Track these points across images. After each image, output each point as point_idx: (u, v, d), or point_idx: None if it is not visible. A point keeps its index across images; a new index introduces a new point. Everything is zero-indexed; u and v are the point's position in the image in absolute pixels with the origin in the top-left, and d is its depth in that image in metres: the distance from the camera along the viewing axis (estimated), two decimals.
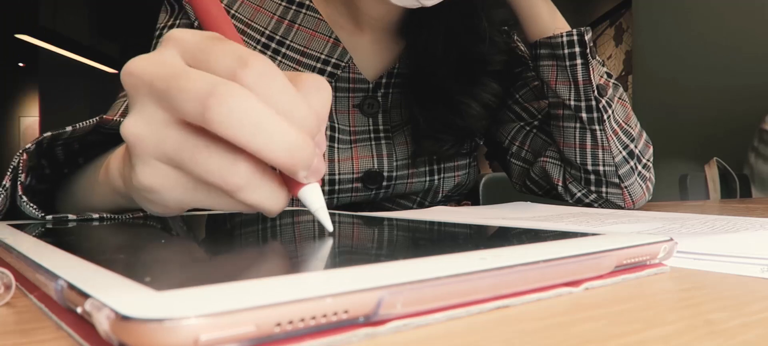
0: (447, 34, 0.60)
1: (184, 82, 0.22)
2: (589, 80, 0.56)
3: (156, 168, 0.24)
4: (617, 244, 0.21)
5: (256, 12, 0.59)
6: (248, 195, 0.24)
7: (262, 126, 0.22)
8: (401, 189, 0.63)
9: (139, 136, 0.24)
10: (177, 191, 0.25)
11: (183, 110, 0.22)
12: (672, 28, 2.50)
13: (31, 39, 4.67)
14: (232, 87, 0.22)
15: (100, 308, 0.13)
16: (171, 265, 0.20)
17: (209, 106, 0.21)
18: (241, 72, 0.22)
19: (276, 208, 0.25)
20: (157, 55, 0.24)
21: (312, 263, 0.20)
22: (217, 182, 0.23)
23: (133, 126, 0.24)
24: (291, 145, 0.22)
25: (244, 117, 0.21)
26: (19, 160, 0.35)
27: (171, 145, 0.23)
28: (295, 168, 0.23)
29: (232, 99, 0.21)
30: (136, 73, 0.24)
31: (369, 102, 0.61)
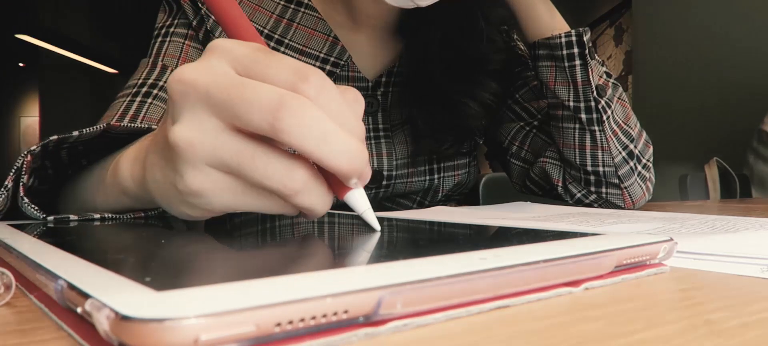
0: (444, 34, 0.60)
1: (250, 93, 0.23)
2: (588, 81, 0.56)
3: (207, 173, 0.25)
4: (617, 244, 0.21)
5: (254, 11, 0.59)
6: (303, 199, 0.25)
7: (327, 137, 0.23)
8: (401, 188, 0.63)
9: (192, 142, 0.24)
10: (226, 195, 0.26)
11: (248, 120, 0.23)
12: (672, 28, 2.50)
13: (31, 39, 4.67)
14: (301, 100, 0.23)
15: (100, 308, 0.13)
16: (171, 265, 0.20)
17: (280, 117, 0.23)
18: (302, 85, 0.24)
19: (323, 210, 0.26)
20: (209, 65, 0.25)
21: (312, 263, 0.20)
22: (276, 186, 0.24)
23: (186, 131, 0.25)
24: (351, 154, 0.24)
25: (313, 128, 0.23)
26: (23, 162, 0.35)
27: (228, 151, 0.24)
28: (352, 174, 0.25)
29: (301, 111, 0.23)
30: (188, 81, 0.25)
31: (368, 101, 0.61)
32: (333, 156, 0.24)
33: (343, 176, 0.25)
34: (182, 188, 0.26)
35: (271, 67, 0.24)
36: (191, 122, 0.25)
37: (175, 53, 0.58)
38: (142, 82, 0.56)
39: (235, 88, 0.24)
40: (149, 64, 0.58)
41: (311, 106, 0.23)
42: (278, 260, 0.21)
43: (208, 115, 0.24)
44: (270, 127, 0.23)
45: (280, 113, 0.23)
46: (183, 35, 0.59)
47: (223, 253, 0.24)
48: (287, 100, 0.23)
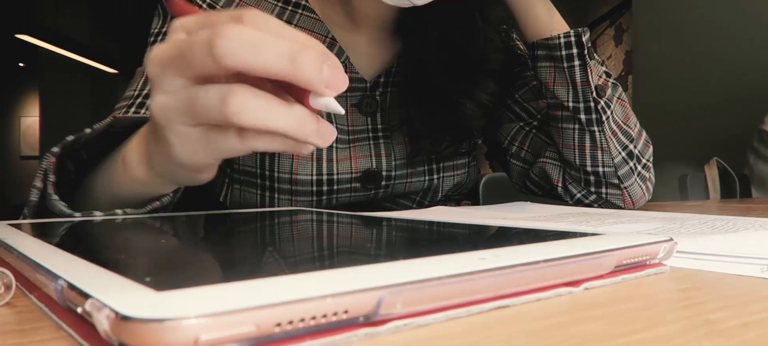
0: (442, 34, 0.60)
1: (191, 40, 0.25)
2: (587, 82, 0.56)
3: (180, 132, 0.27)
4: (617, 244, 0.21)
5: None
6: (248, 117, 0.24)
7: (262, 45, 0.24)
8: (400, 189, 0.63)
9: (164, 107, 0.27)
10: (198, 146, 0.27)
11: (195, 63, 0.25)
12: (672, 28, 2.50)
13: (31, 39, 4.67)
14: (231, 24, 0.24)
15: (100, 308, 0.13)
16: (171, 265, 0.20)
17: (214, 45, 0.23)
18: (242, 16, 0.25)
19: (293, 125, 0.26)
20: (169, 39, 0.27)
21: (312, 263, 0.20)
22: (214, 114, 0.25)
23: (158, 101, 0.27)
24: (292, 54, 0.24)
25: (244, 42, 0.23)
26: (48, 163, 0.38)
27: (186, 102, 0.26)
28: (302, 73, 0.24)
29: (232, 30, 0.23)
30: (155, 56, 0.27)
31: (367, 101, 0.61)
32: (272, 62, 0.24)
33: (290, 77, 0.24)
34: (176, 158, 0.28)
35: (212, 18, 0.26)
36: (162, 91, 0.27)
37: None
38: (138, 93, 0.57)
39: (183, 43, 0.26)
40: (144, 74, 0.58)
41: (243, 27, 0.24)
42: (278, 260, 0.21)
43: (173, 78, 0.26)
44: (210, 58, 0.24)
45: (214, 41, 0.23)
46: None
47: (223, 253, 0.24)
48: (219, 28, 0.24)
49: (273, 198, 0.59)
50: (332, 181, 0.59)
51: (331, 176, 0.59)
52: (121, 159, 0.36)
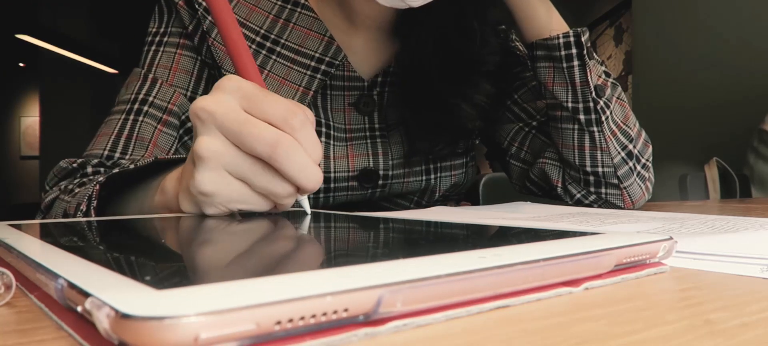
0: (437, 35, 0.60)
1: (256, 130, 0.33)
2: (586, 82, 0.56)
3: (223, 176, 0.34)
4: (617, 243, 0.21)
5: (251, 11, 0.59)
6: (285, 201, 0.36)
7: (304, 169, 0.34)
8: (397, 188, 0.63)
9: (218, 152, 0.33)
10: (233, 195, 0.35)
11: (254, 149, 0.33)
12: (672, 28, 2.50)
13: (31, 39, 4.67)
14: (290, 140, 0.33)
15: (101, 306, 0.13)
16: (171, 264, 0.20)
17: (276, 152, 0.33)
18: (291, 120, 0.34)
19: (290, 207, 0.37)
20: (222, 99, 0.34)
21: (312, 262, 0.20)
22: (274, 193, 0.35)
23: (211, 144, 0.33)
24: (316, 180, 0.35)
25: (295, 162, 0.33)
26: (93, 190, 0.44)
27: (244, 163, 0.34)
28: (312, 191, 0.36)
29: (291, 149, 0.33)
30: (208, 110, 0.34)
31: (365, 100, 0.61)
32: (306, 182, 0.34)
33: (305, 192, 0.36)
34: (199, 187, 0.34)
35: (269, 106, 0.34)
36: (216, 139, 0.33)
37: (167, 64, 0.58)
38: (134, 97, 0.58)
39: (243, 123, 0.33)
40: (141, 76, 0.59)
41: (295, 144, 0.33)
42: (278, 259, 0.21)
43: (223, 137, 0.34)
44: (268, 157, 0.33)
45: (277, 149, 0.33)
46: (175, 44, 0.59)
47: (222, 252, 0.24)
48: (281, 139, 0.33)
49: None
50: (329, 179, 0.59)
51: (328, 173, 0.59)
52: (161, 187, 0.42)
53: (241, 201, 0.35)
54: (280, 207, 0.37)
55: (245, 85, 0.35)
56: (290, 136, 0.33)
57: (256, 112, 0.34)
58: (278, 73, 0.57)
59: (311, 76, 0.58)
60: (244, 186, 0.35)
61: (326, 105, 0.60)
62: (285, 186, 0.35)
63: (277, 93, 0.57)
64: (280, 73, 0.57)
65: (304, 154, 0.34)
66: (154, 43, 0.60)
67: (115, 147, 0.55)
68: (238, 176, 0.34)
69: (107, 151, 0.55)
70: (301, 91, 0.57)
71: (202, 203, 0.35)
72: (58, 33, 4.81)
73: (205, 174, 0.34)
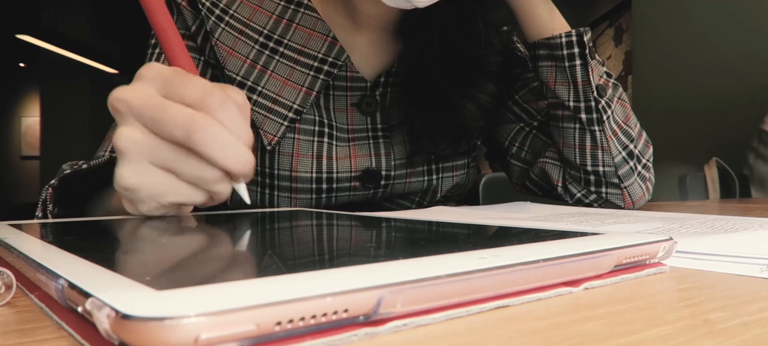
0: (442, 35, 0.60)
1: (170, 113, 0.31)
2: (588, 81, 0.56)
3: (146, 169, 0.32)
4: (617, 243, 0.21)
5: (255, 12, 0.59)
6: (216, 188, 0.33)
7: (227, 148, 0.31)
8: (399, 189, 0.63)
9: (136, 142, 0.31)
10: (160, 188, 0.32)
11: (170, 133, 0.31)
12: (672, 28, 2.49)
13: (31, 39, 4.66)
14: (207, 119, 0.31)
15: (101, 307, 0.13)
16: (171, 264, 0.20)
17: (193, 131, 0.30)
18: (207, 100, 0.31)
19: (227, 195, 0.35)
20: (139, 87, 0.32)
21: (312, 263, 0.20)
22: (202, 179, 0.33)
23: (128, 134, 0.31)
24: (245, 161, 0.32)
25: (215, 141, 0.31)
26: (46, 194, 0.42)
27: (166, 153, 0.32)
28: (245, 176, 0.33)
29: (208, 128, 0.31)
30: (124, 99, 0.32)
31: (367, 101, 0.61)
32: (232, 163, 0.32)
33: (236, 175, 0.33)
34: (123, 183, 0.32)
35: (186, 88, 0.32)
36: (134, 128, 0.32)
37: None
38: None
39: (157, 108, 0.31)
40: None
41: (213, 123, 0.31)
42: (278, 260, 0.21)
43: (141, 126, 0.32)
44: (185, 139, 0.31)
45: (192, 127, 0.30)
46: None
47: (223, 252, 0.24)
48: (197, 119, 0.31)
49: (273, 196, 0.59)
50: (332, 179, 0.59)
51: (330, 173, 0.59)
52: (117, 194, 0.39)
53: (170, 193, 0.33)
54: (215, 197, 0.34)
55: (165, 71, 0.33)
56: (207, 116, 0.31)
57: (174, 96, 0.32)
58: (281, 74, 0.57)
59: (314, 76, 0.58)
60: (170, 176, 0.32)
61: (329, 105, 0.60)
62: (211, 171, 0.32)
63: (280, 93, 0.57)
64: (283, 74, 0.57)
65: (225, 133, 0.31)
66: (158, 46, 0.60)
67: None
68: (162, 166, 0.32)
69: (108, 153, 0.55)
70: (304, 91, 0.57)
71: (130, 199, 0.33)
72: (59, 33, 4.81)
73: (127, 167, 0.32)
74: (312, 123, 0.58)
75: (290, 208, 0.56)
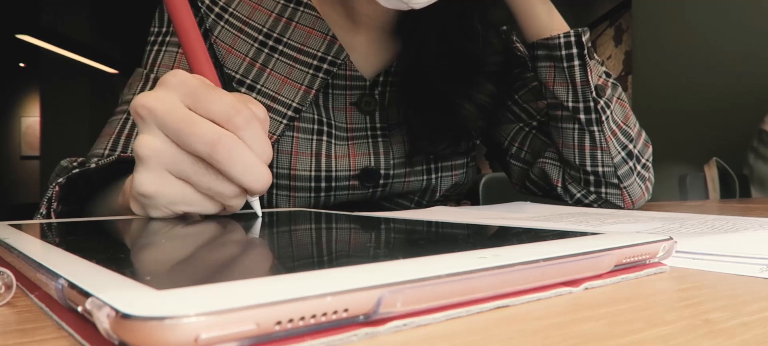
0: (440, 35, 0.60)
1: (196, 128, 0.31)
2: (587, 81, 0.56)
3: (164, 177, 0.32)
4: (616, 243, 0.21)
5: (254, 10, 0.59)
6: (232, 202, 0.34)
7: (249, 168, 0.32)
8: (398, 188, 0.63)
9: (157, 151, 0.32)
10: (176, 197, 0.33)
11: (194, 148, 0.31)
12: (672, 28, 2.50)
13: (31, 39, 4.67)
14: (232, 138, 0.31)
15: (101, 306, 0.13)
16: (171, 264, 0.20)
17: (217, 151, 0.31)
18: (235, 119, 0.32)
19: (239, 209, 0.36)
20: (164, 95, 0.32)
21: (312, 262, 0.20)
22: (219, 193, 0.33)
23: (151, 142, 0.32)
24: (264, 180, 0.33)
25: (239, 162, 0.32)
26: (52, 192, 0.43)
27: (186, 163, 0.32)
28: (260, 193, 0.34)
29: (233, 148, 0.31)
30: (149, 107, 0.32)
31: (366, 100, 0.61)
32: (251, 183, 0.33)
33: (252, 193, 0.34)
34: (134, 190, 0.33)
35: (212, 103, 0.32)
36: (155, 137, 0.32)
37: (169, 63, 0.58)
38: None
39: (183, 121, 0.31)
40: (143, 77, 0.59)
41: (238, 143, 0.32)
42: (278, 259, 0.21)
43: (163, 135, 0.32)
44: (208, 157, 0.31)
45: (217, 148, 0.31)
46: (177, 43, 0.59)
47: (223, 252, 0.24)
48: (222, 138, 0.31)
49: (271, 194, 0.59)
50: (331, 177, 0.59)
51: (329, 172, 0.59)
52: (123, 192, 0.40)
53: (185, 202, 0.33)
54: (228, 209, 0.35)
55: (190, 80, 0.33)
56: (233, 135, 0.32)
57: (200, 109, 0.32)
58: (280, 72, 0.57)
59: (313, 75, 0.58)
60: (187, 186, 0.33)
61: (328, 104, 0.60)
62: (230, 187, 0.33)
63: (279, 91, 0.57)
64: (283, 72, 0.57)
65: (248, 154, 0.32)
66: (157, 43, 0.60)
67: (115, 146, 0.55)
68: (181, 176, 0.33)
69: (108, 150, 0.55)
70: (303, 90, 0.57)
71: (144, 204, 0.34)
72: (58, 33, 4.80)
73: (145, 175, 0.32)
74: (311, 122, 0.58)
75: (290, 208, 0.56)
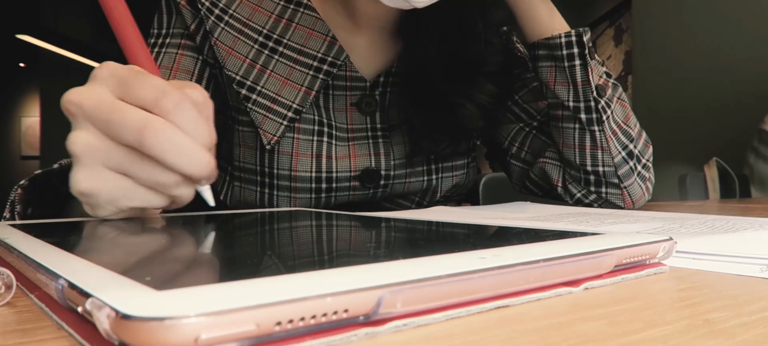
0: (441, 35, 0.60)
1: (121, 115, 0.30)
2: (587, 81, 0.56)
3: (101, 173, 0.31)
4: (617, 243, 0.21)
5: (254, 11, 0.59)
6: (177, 192, 0.32)
7: (183, 152, 0.30)
8: (399, 189, 0.63)
9: (89, 146, 0.30)
10: (116, 192, 0.32)
11: (122, 137, 0.30)
12: (672, 28, 2.49)
13: (31, 39, 4.67)
14: (160, 121, 0.30)
15: (101, 307, 0.13)
16: (171, 264, 0.20)
17: (144, 136, 0.29)
18: (162, 100, 0.30)
19: (189, 199, 0.34)
20: (92, 89, 0.31)
21: (312, 263, 0.20)
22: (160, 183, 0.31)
23: (82, 138, 0.31)
24: (203, 164, 0.31)
25: (170, 145, 0.30)
26: (14, 195, 0.41)
27: (120, 157, 0.31)
28: (203, 180, 0.32)
29: (161, 131, 0.29)
30: (76, 102, 0.31)
31: (367, 100, 0.61)
32: (188, 167, 0.30)
33: (194, 179, 0.32)
34: (78, 188, 0.31)
35: (140, 88, 0.30)
36: (87, 132, 0.31)
37: (168, 64, 0.58)
38: None
39: (109, 110, 0.30)
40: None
41: (168, 126, 0.30)
42: (278, 260, 0.21)
43: (95, 129, 0.31)
44: (139, 144, 0.30)
45: (145, 133, 0.29)
46: (177, 45, 0.59)
47: (223, 252, 0.24)
48: (149, 122, 0.29)
49: (272, 195, 0.59)
50: (331, 178, 0.59)
51: (330, 173, 0.59)
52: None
53: (126, 197, 0.32)
54: (178, 201, 0.33)
55: (119, 70, 0.31)
56: (161, 119, 0.30)
57: (128, 97, 0.31)
58: (281, 73, 0.57)
59: (313, 76, 0.58)
60: (127, 180, 0.32)
61: (328, 105, 0.60)
62: (169, 175, 0.31)
63: (279, 93, 0.57)
64: (283, 73, 0.57)
65: (180, 137, 0.30)
66: (157, 44, 0.60)
67: None
68: (117, 170, 0.31)
69: None
70: (303, 91, 0.57)
71: (87, 203, 0.32)
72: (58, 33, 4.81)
73: (81, 172, 0.31)
74: (311, 123, 0.58)
75: (290, 208, 0.56)
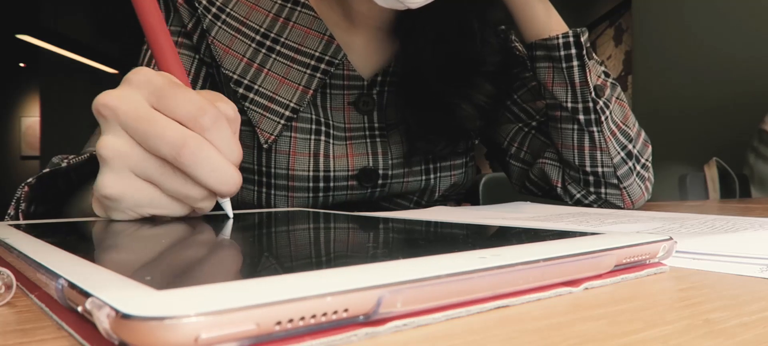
0: (437, 36, 0.60)
1: (160, 129, 0.30)
2: (585, 82, 0.56)
3: (129, 179, 0.31)
4: (616, 243, 0.21)
5: (251, 10, 0.59)
6: (201, 205, 0.33)
7: (215, 170, 0.31)
8: (397, 188, 0.63)
9: (121, 152, 0.31)
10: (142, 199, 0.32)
11: (158, 151, 0.30)
12: (672, 28, 2.49)
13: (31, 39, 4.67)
14: (198, 140, 0.31)
15: (101, 306, 0.13)
16: (171, 264, 0.20)
17: (182, 154, 0.30)
18: (201, 119, 0.31)
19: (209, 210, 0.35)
20: (127, 94, 0.31)
21: (312, 262, 0.20)
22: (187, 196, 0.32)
23: (114, 143, 0.31)
24: (232, 182, 0.32)
25: (204, 164, 0.31)
26: (21, 193, 0.41)
27: (151, 167, 0.31)
28: (230, 195, 0.34)
29: (198, 150, 0.30)
30: (111, 106, 0.31)
31: (364, 99, 0.61)
32: (218, 185, 0.32)
33: (221, 195, 0.34)
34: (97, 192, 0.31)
35: (178, 102, 0.31)
36: (119, 137, 0.31)
37: None
38: None
39: (147, 121, 0.30)
40: None
41: (204, 145, 0.31)
42: (278, 259, 0.21)
43: (127, 136, 0.31)
44: (173, 159, 0.30)
45: (182, 151, 0.30)
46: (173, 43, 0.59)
47: (223, 252, 0.24)
48: (188, 140, 0.30)
49: (270, 195, 0.59)
50: (329, 178, 0.59)
51: (327, 172, 0.59)
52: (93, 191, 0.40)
53: (151, 205, 0.33)
54: (198, 211, 0.35)
55: (155, 79, 0.31)
56: (198, 137, 0.31)
57: (165, 109, 0.31)
58: (278, 72, 0.57)
59: (311, 75, 0.58)
60: (154, 189, 0.32)
61: (326, 104, 0.60)
62: (197, 190, 0.32)
63: (277, 92, 0.57)
64: (280, 72, 0.57)
65: (215, 156, 0.31)
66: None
67: None
68: (146, 178, 0.32)
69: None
70: (300, 90, 0.57)
71: (108, 206, 0.32)
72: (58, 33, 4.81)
73: (109, 176, 0.31)
74: (309, 122, 0.58)
75: (289, 208, 0.56)
